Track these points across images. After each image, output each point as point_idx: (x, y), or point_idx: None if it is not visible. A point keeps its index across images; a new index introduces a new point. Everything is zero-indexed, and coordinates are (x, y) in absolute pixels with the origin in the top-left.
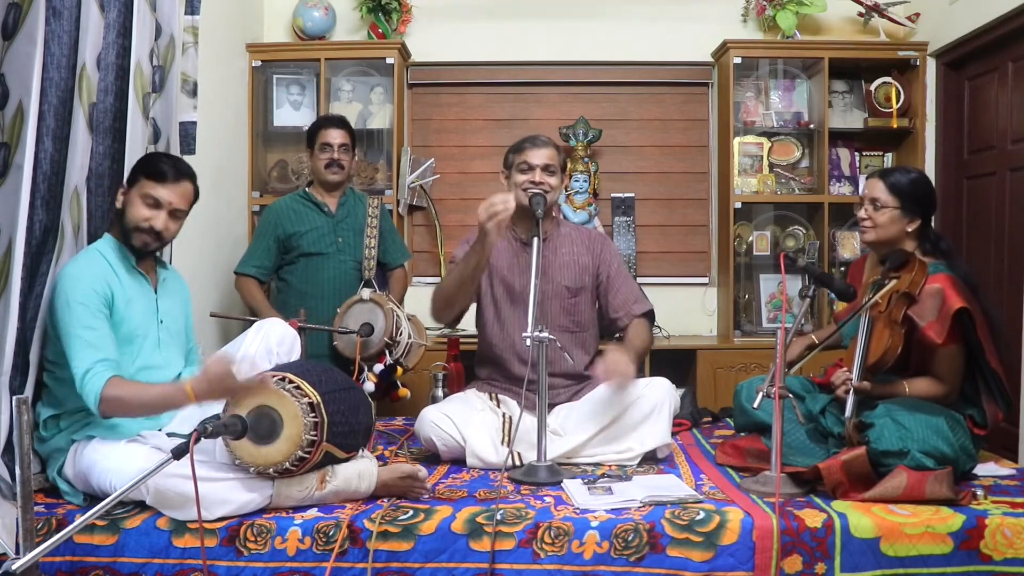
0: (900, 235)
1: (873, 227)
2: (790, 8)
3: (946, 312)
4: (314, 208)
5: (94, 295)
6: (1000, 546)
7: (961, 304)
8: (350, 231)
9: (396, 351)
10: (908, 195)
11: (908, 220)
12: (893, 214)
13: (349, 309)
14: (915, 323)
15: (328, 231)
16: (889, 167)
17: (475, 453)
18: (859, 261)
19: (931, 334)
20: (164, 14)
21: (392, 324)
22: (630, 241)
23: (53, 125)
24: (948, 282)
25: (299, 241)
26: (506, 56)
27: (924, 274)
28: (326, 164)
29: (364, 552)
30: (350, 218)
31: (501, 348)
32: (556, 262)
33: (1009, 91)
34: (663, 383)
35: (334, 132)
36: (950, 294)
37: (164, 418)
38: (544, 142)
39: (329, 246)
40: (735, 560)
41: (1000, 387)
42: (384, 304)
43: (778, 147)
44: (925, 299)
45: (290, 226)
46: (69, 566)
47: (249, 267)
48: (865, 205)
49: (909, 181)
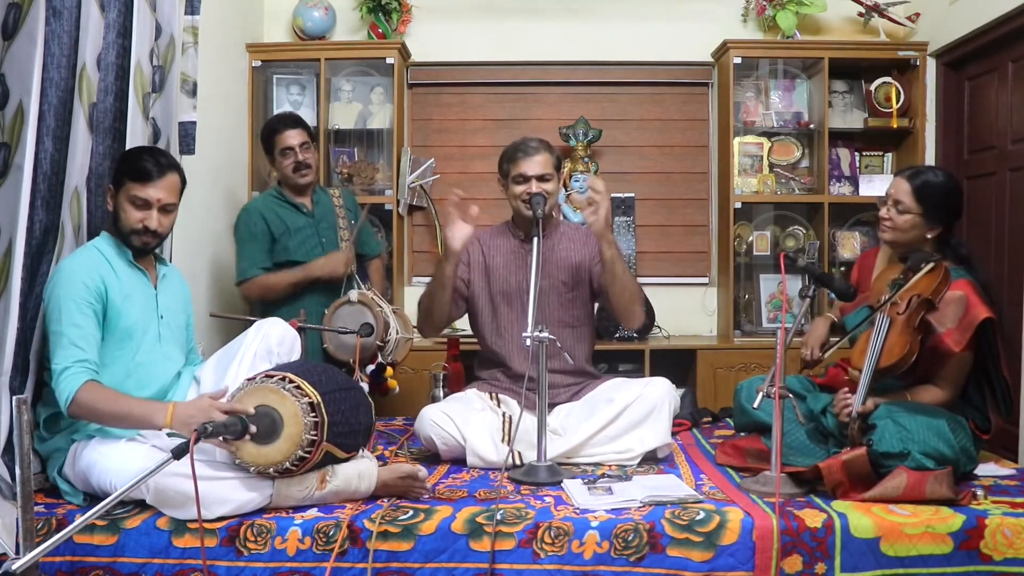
0: (919, 240)
1: (892, 228)
2: (790, 8)
3: (970, 321)
4: (292, 209)
5: (85, 289)
6: (1000, 546)
7: (987, 314)
8: (328, 228)
9: (387, 350)
10: (933, 204)
11: (929, 227)
12: (914, 220)
13: (336, 311)
14: (932, 328)
15: (311, 232)
16: (920, 167)
17: (475, 452)
18: (869, 254)
19: (949, 342)
20: (164, 14)
21: (381, 327)
22: (630, 241)
23: (53, 125)
24: (971, 289)
25: (285, 244)
26: (506, 56)
27: (948, 281)
28: (293, 168)
29: (364, 552)
30: (327, 215)
31: (500, 345)
32: (553, 258)
33: (1009, 91)
34: (663, 383)
35: (291, 133)
36: (975, 302)
37: None
38: (535, 148)
39: (314, 247)
40: (735, 560)
41: (1006, 397)
42: (372, 306)
43: (778, 147)
44: (946, 305)
45: (275, 229)
46: (69, 566)
47: (255, 269)
48: (888, 204)
49: (936, 188)
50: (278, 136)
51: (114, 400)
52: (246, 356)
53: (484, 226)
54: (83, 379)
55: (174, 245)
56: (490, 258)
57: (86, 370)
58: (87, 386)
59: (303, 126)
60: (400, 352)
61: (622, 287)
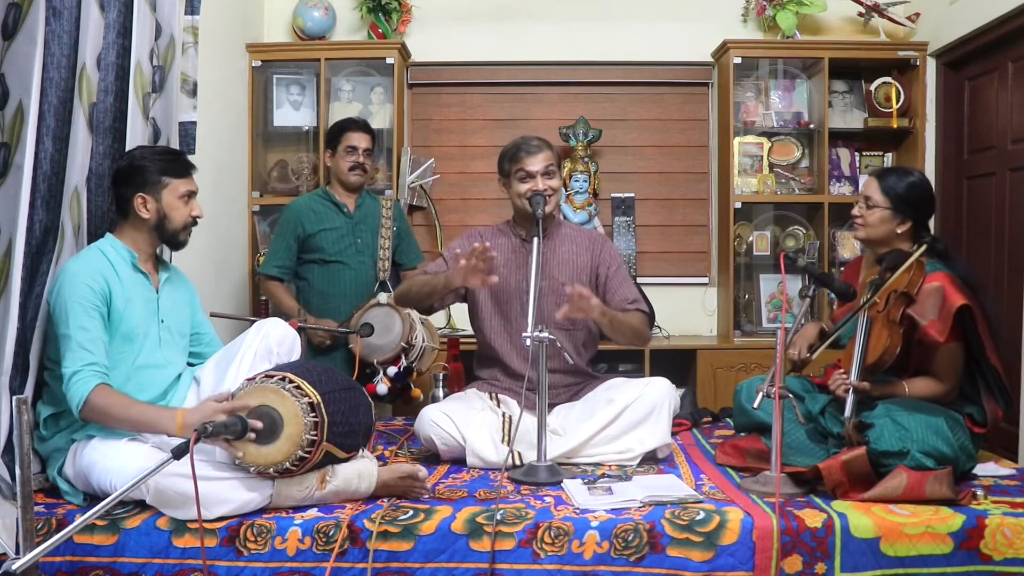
0: (890, 235)
1: (864, 225)
2: (790, 8)
3: (947, 310)
4: (334, 208)
5: (90, 292)
6: (1000, 546)
7: (962, 301)
8: (368, 231)
9: (411, 354)
10: (900, 197)
11: (898, 222)
12: (883, 214)
13: (366, 312)
14: (915, 322)
15: (347, 231)
16: (889, 167)
17: (475, 452)
18: (855, 261)
19: (933, 332)
20: (164, 14)
21: (408, 329)
22: (630, 241)
23: (53, 125)
24: (947, 280)
25: (319, 241)
26: (506, 56)
27: (922, 273)
28: (350, 167)
29: (364, 552)
30: (368, 218)
31: (499, 345)
32: (555, 260)
33: (1009, 91)
34: (663, 383)
35: (360, 135)
36: (950, 291)
37: None
38: (538, 146)
39: (349, 246)
40: (735, 560)
41: (1000, 384)
42: (401, 309)
43: (778, 147)
44: (925, 298)
45: (310, 225)
46: (69, 566)
47: (271, 268)
48: (860, 203)
49: (903, 184)
50: (348, 133)
51: (126, 406)
52: (246, 356)
53: (485, 226)
54: (94, 383)
55: None
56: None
57: (96, 374)
58: (99, 390)
59: (371, 133)
60: (425, 361)
61: (623, 335)
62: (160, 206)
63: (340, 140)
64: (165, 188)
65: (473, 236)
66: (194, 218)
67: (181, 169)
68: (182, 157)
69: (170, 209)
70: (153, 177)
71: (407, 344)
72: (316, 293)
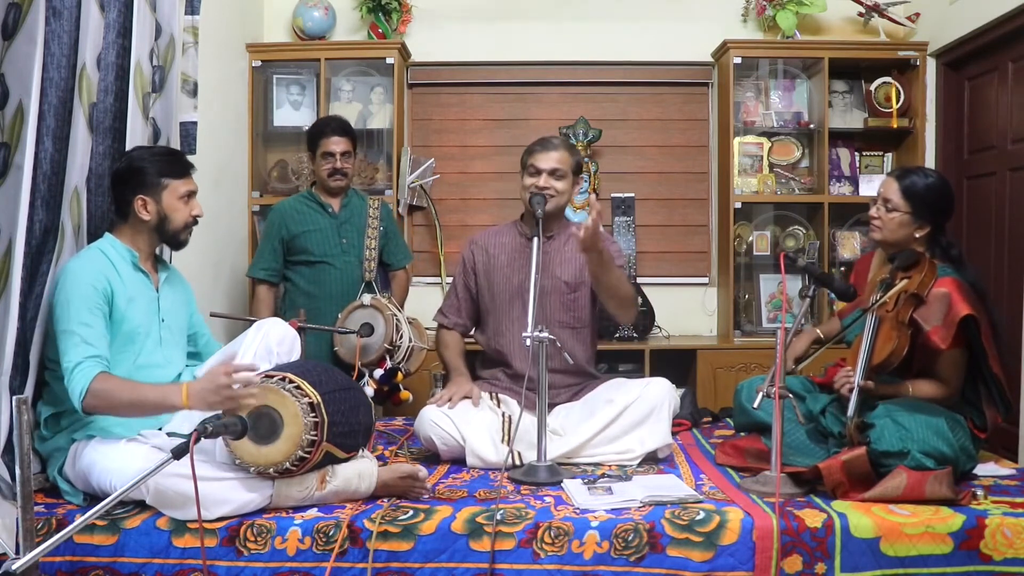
0: (908, 239)
1: (881, 228)
2: (790, 8)
3: (952, 318)
4: (318, 209)
5: (93, 291)
6: (1000, 546)
7: (968, 311)
8: (354, 231)
9: (396, 356)
10: (921, 201)
11: (917, 226)
12: (903, 218)
13: (350, 314)
14: (919, 326)
15: (332, 232)
16: (910, 167)
17: (475, 452)
18: (865, 257)
19: (935, 339)
20: (164, 14)
21: (392, 329)
22: (630, 241)
23: (53, 125)
24: (955, 287)
25: (304, 242)
26: (506, 56)
27: (934, 275)
28: (328, 173)
29: (364, 552)
30: (354, 218)
31: (500, 344)
32: (557, 258)
33: (1009, 91)
34: (663, 383)
35: (336, 140)
36: (957, 300)
37: (164, 417)
38: (555, 145)
39: (334, 247)
40: (735, 560)
41: (1001, 392)
42: (384, 310)
43: (778, 147)
44: (932, 303)
45: (294, 226)
46: (69, 566)
47: (258, 271)
48: (878, 204)
49: (925, 187)
50: (323, 139)
51: (129, 389)
52: (246, 356)
53: (486, 226)
54: (95, 371)
55: None
56: (494, 256)
57: (98, 363)
58: (100, 377)
59: (350, 135)
60: (413, 362)
61: (614, 292)
62: (160, 207)
63: (317, 146)
64: (165, 189)
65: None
66: (195, 218)
67: (180, 169)
68: (181, 157)
69: (170, 210)
70: (152, 179)
71: (391, 345)
72: (303, 294)
